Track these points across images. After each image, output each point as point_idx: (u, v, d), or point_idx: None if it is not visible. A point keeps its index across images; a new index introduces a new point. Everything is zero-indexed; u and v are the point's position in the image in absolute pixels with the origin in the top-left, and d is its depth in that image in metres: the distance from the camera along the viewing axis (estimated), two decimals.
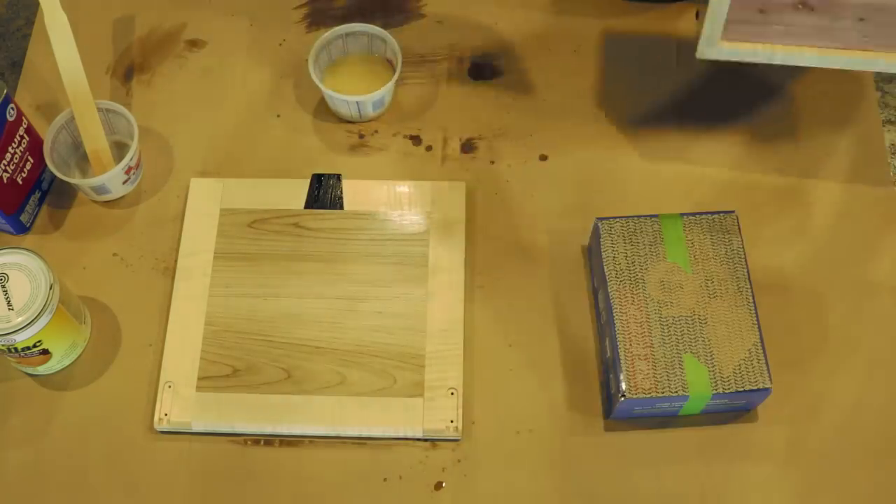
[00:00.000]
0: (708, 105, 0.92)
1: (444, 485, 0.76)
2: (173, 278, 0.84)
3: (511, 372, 0.80)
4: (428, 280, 0.83)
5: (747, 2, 0.74)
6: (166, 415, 0.78)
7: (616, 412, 0.77)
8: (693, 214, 0.81)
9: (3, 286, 0.74)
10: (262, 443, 0.78)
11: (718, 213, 0.81)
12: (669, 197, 0.87)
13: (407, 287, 0.83)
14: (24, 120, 0.84)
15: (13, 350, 0.76)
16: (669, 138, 0.90)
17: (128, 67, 0.96)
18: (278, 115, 0.93)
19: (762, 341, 0.75)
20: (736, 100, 0.92)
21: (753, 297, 0.77)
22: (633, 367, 0.75)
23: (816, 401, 0.79)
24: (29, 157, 0.85)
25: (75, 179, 0.86)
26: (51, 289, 0.75)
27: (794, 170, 0.89)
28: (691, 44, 0.94)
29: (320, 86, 0.88)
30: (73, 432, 0.79)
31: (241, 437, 0.78)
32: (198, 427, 0.78)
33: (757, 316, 0.76)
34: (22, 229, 0.87)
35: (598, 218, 0.81)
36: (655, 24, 0.96)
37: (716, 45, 0.78)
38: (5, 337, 0.74)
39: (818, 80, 0.92)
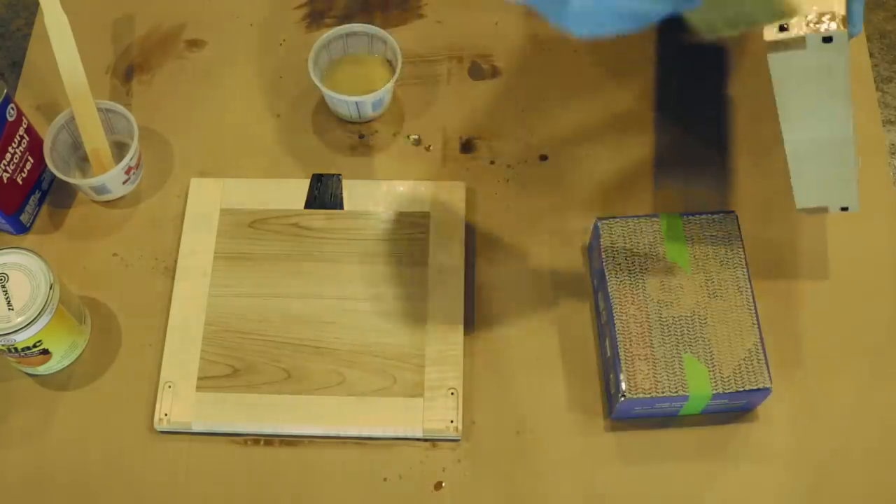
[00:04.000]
0: (709, 104, 0.92)
1: (444, 485, 0.76)
2: (173, 278, 0.84)
3: (511, 372, 0.80)
4: (428, 280, 0.83)
5: None
6: (166, 415, 0.78)
7: (616, 412, 0.77)
8: (693, 214, 0.81)
9: (3, 286, 0.74)
10: (262, 443, 0.78)
11: (718, 213, 0.81)
12: (669, 197, 0.87)
13: (407, 287, 0.83)
14: (24, 120, 0.84)
15: (13, 350, 0.76)
16: (670, 138, 0.90)
17: (128, 67, 0.96)
18: (278, 115, 0.93)
19: (762, 341, 0.75)
20: (737, 100, 0.92)
21: (753, 297, 0.77)
22: (633, 367, 0.75)
23: (816, 401, 0.79)
24: (29, 157, 0.85)
25: (75, 179, 0.86)
26: (51, 289, 0.75)
27: None
28: (691, 43, 0.94)
29: (320, 86, 0.88)
30: (73, 432, 0.79)
31: (241, 437, 0.78)
32: (198, 427, 0.78)
33: (757, 316, 0.76)
34: (22, 229, 0.87)
35: (598, 218, 0.81)
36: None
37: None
38: (5, 337, 0.74)
39: None
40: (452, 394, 0.78)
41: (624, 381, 0.74)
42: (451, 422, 0.77)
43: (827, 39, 0.65)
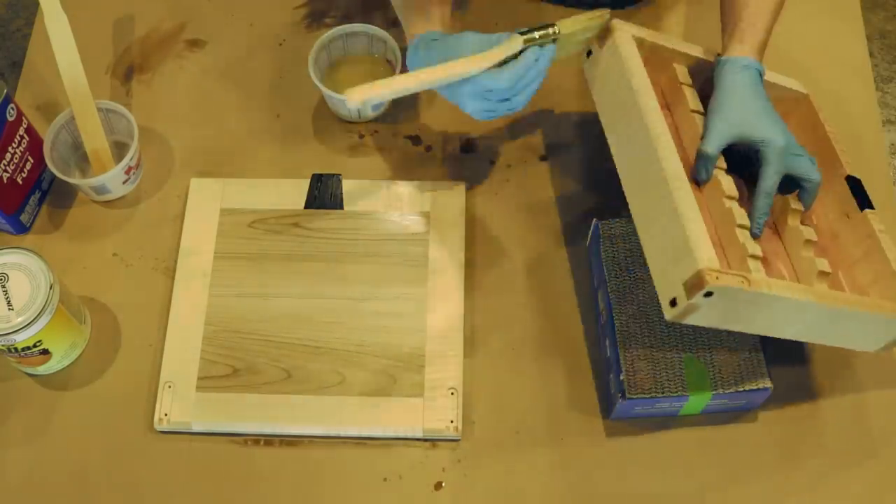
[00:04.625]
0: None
1: (443, 485, 0.76)
2: (173, 278, 0.84)
3: (511, 372, 0.80)
4: (428, 280, 0.83)
5: None
6: (166, 415, 0.78)
7: (616, 412, 0.76)
8: None
9: (3, 286, 0.74)
10: (262, 443, 0.78)
11: None
12: None
13: (407, 287, 0.83)
14: (24, 120, 0.84)
15: (13, 350, 0.76)
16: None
17: (128, 67, 0.96)
18: (278, 115, 0.93)
19: (762, 341, 0.75)
20: None
21: None
22: (633, 367, 0.75)
23: (816, 401, 0.79)
24: (29, 157, 0.85)
25: (75, 179, 0.86)
26: (51, 289, 0.75)
27: None
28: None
29: (320, 86, 0.88)
30: (73, 432, 0.79)
31: (241, 437, 0.78)
32: (198, 427, 0.78)
33: None
34: (22, 229, 0.87)
35: (597, 218, 0.81)
36: (653, 24, 0.96)
37: None
38: (5, 337, 0.74)
39: (819, 79, 0.92)
40: (452, 394, 0.78)
41: (624, 381, 0.74)
42: (451, 422, 0.77)
43: (708, 294, 0.64)
